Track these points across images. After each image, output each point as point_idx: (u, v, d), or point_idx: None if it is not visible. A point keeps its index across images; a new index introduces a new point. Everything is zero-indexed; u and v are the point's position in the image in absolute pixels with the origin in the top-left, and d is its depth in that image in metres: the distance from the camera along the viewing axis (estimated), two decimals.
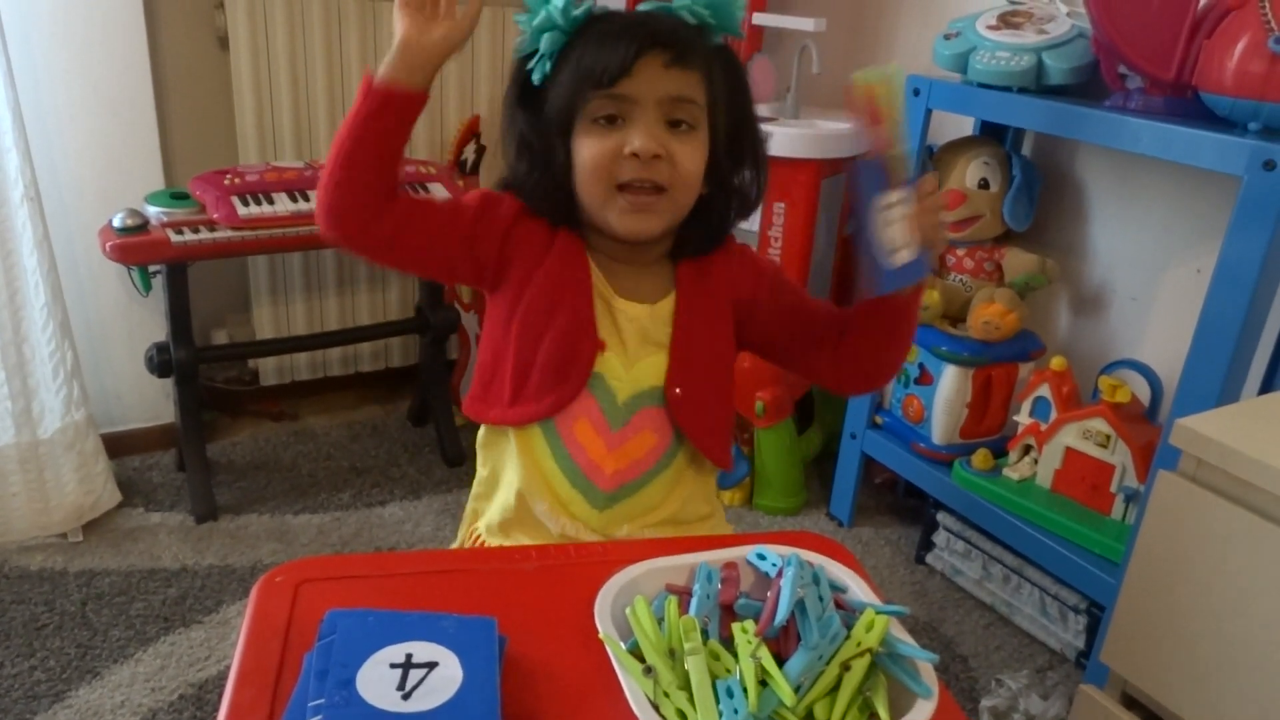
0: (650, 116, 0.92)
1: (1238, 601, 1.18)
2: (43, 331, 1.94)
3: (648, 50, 0.90)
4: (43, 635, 1.72)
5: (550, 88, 0.96)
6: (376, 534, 2.11)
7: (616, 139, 0.93)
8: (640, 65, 0.90)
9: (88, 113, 2.07)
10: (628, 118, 0.93)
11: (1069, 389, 1.84)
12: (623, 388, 1.01)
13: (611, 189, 0.95)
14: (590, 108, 0.93)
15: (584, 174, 0.96)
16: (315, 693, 0.65)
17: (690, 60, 0.92)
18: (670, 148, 0.93)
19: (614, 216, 0.96)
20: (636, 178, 0.93)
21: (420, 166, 2.29)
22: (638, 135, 0.92)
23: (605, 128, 0.93)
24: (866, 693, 0.68)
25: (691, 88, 0.93)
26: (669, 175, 0.94)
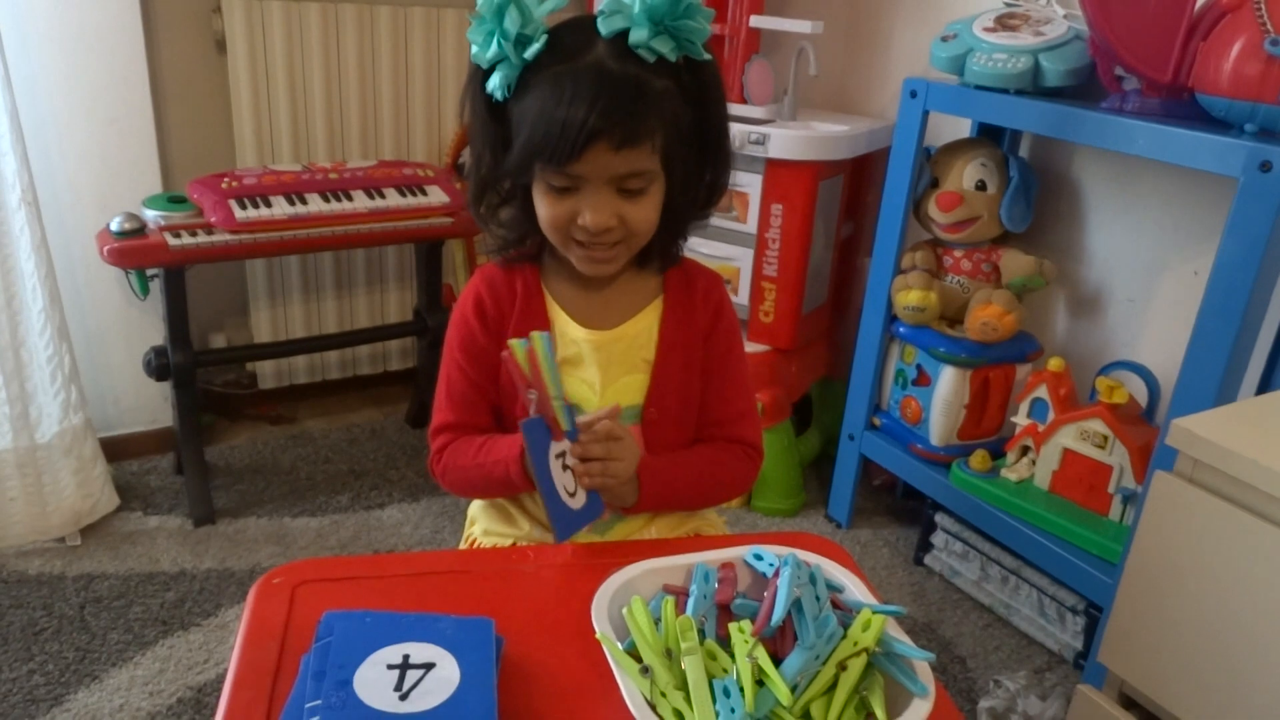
0: (601, 192, 0.93)
1: (1235, 601, 1.18)
2: (40, 335, 1.94)
3: (596, 139, 0.88)
4: (41, 639, 1.72)
5: (512, 109, 0.95)
6: (375, 537, 2.11)
7: (570, 206, 0.94)
8: (589, 152, 0.89)
9: (85, 116, 2.07)
10: (580, 189, 0.93)
11: (1066, 390, 1.84)
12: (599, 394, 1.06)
13: (567, 241, 0.98)
14: (544, 174, 0.94)
15: (542, 224, 0.98)
16: (313, 694, 0.65)
17: (640, 137, 0.91)
18: (623, 213, 0.95)
19: (575, 260, 1.00)
20: (591, 240, 0.96)
21: (419, 170, 2.29)
22: (588, 210, 0.93)
23: (558, 194, 0.94)
24: (863, 692, 0.68)
25: (643, 160, 0.92)
26: (623, 233, 0.96)
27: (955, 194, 1.93)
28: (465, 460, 1.04)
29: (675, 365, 1.07)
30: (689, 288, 1.09)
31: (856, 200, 2.37)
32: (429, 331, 2.43)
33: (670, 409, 1.08)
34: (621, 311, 1.07)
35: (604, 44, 0.91)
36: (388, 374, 2.72)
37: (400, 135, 2.49)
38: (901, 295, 1.97)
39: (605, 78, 0.89)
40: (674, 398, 1.08)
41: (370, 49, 2.37)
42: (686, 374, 1.08)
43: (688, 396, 1.10)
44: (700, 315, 1.09)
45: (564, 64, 0.90)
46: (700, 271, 1.12)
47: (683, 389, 1.09)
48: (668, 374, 1.07)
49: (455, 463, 1.05)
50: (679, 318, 1.08)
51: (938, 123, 2.02)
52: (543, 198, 0.96)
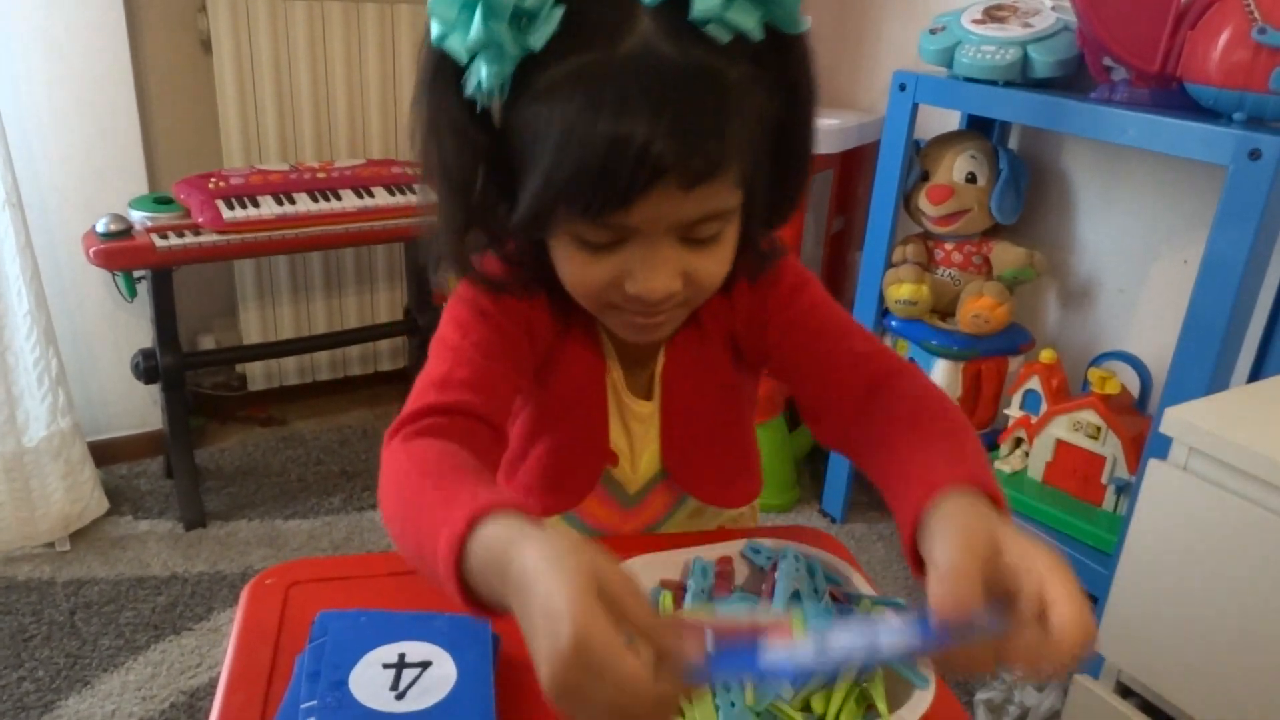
0: (659, 247, 0.64)
1: (1230, 588, 1.18)
2: (26, 339, 1.92)
3: (660, 176, 0.58)
4: (31, 645, 1.71)
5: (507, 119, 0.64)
6: (368, 538, 2.09)
7: (613, 267, 0.65)
8: (649, 196, 0.59)
9: (70, 117, 2.05)
10: (629, 240, 0.64)
11: (1059, 381, 1.84)
12: (632, 482, 0.90)
13: (605, 307, 0.70)
14: (572, 225, 0.64)
15: (572, 288, 0.70)
16: (307, 694, 0.65)
17: (720, 166, 0.60)
18: (690, 269, 0.66)
19: (614, 328, 0.74)
20: (642, 309, 0.68)
21: (407, 168, 2.28)
22: (643, 275, 0.64)
23: (596, 251, 0.65)
24: (864, 684, 0.67)
25: (721, 197, 0.63)
26: (689, 292, 0.68)
27: (946, 187, 1.93)
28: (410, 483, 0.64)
29: (690, 420, 0.87)
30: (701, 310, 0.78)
31: (847, 194, 2.37)
32: (419, 331, 2.42)
33: (696, 465, 0.90)
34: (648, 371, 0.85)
35: (648, 15, 0.59)
36: (378, 374, 2.71)
37: (388, 134, 2.48)
38: (893, 289, 1.97)
39: (663, 74, 0.58)
40: (698, 455, 0.90)
41: (357, 47, 2.35)
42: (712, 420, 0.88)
43: (723, 444, 0.92)
44: (720, 335, 0.83)
45: (591, 52, 0.59)
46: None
47: (710, 439, 0.90)
48: (680, 434, 0.87)
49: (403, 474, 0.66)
50: (685, 350, 0.83)
51: (927, 115, 2.02)
52: (571, 256, 0.66)
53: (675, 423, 0.86)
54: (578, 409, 0.83)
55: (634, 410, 0.85)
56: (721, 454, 0.92)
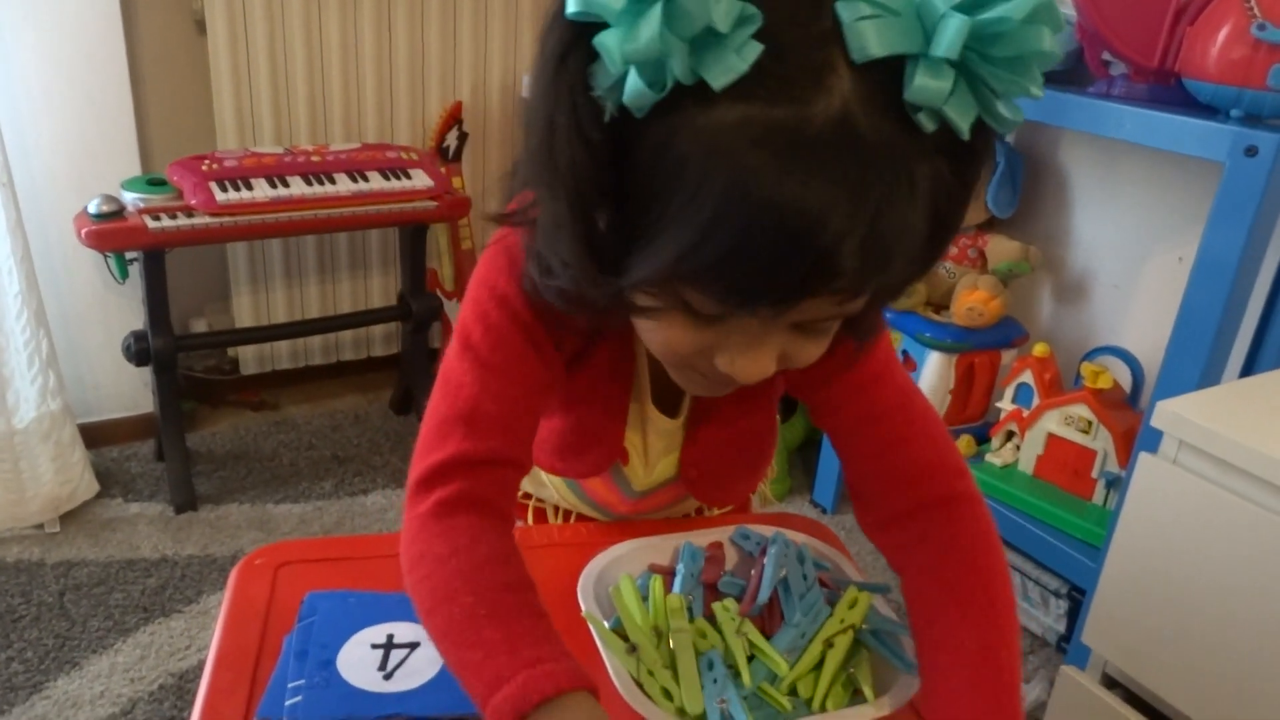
0: (772, 335, 0.56)
1: (1217, 582, 1.19)
2: (17, 319, 1.91)
3: (810, 291, 0.49)
4: (20, 626, 1.70)
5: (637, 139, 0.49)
6: (359, 523, 2.09)
7: (710, 338, 0.56)
8: (799, 300, 0.50)
9: (62, 97, 2.04)
10: (734, 318, 0.54)
11: (1051, 375, 1.85)
12: (640, 481, 0.87)
13: (679, 366, 0.63)
14: (686, 291, 0.52)
15: (646, 338, 0.62)
16: (295, 674, 0.65)
17: (872, 285, 0.51)
18: (791, 355, 0.58)
19: (678, 379, 0.66)
20: (720, 379, 0.60)
21: (402, 153, 2.27)
22: (741, 362, 0.56)
23: (698, 321, 0.54)
24: (851, 670, 0.68)
25: (858, 305, 0.54)
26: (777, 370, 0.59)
27: None
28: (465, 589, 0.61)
29: (714, 436, 0.82)
30: None
31: None
32: (413, 317, 2.41)
33: (714, 476, 0.86)
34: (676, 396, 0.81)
35: (851, 76, 0.45)
36: (371, 359, 2.71)
37: (384, 118, 2.47)
38: None
39: (862, 159, 0.46)
40: (718, 468, 0.86)
41: (353, 30, 2.34)
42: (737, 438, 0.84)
43: (745, 457, 0.88)
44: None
45: (779, 106, 0.45)
46: None
47: (733, 456, 0.86)
48: (703, 446, 0.83)
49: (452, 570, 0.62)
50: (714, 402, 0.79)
51: None
52: (668, 321, 0.56)
53: (699, 444, 0.82)
54: (598, 403, 0.79)
55: (656, 423, 0.81)
56: (740, 469, 0.90)
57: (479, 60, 2.54)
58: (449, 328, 2.57)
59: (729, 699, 0.62)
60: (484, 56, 2.55)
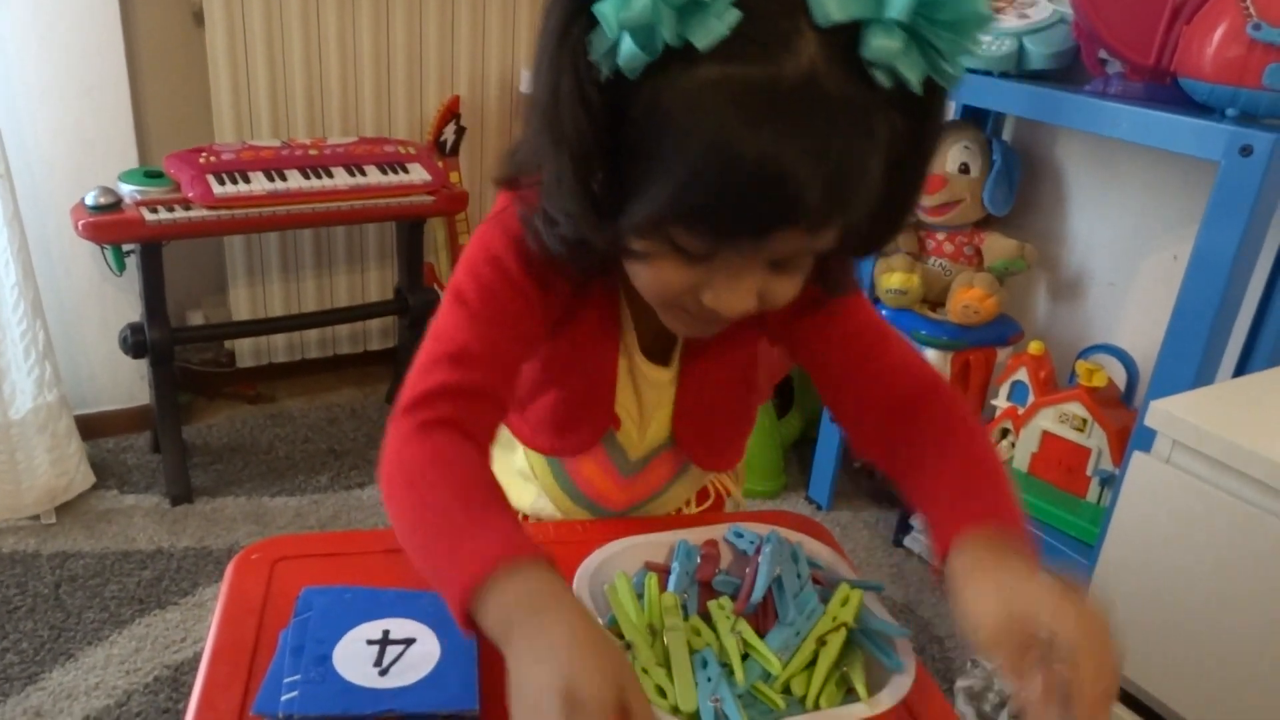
0: (750, 269, 0.63)
1: (1210, 580, 1.19)
2: (14, 311, 1.91)
3: (788, 223, 0.57)
4: (15, 618, 1.71)
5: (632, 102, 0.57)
6: (355, 516, 2.10)
7: (695, 278, 0.63)
8: (777, 230, 0.58)
9: (60, 89, 2.04)
10: (719, 256, 0.61)
11: (1046, 373, 1.85)
12: (635, 448, 0.90)
13: (672, 307, 0.69)
14: (676, 232, 0.60)
15: (637, 281, 0.68)
16: (291, 669, 0.65)
17: (842, 218, 0.59)
18: (765, 291, 0.65)
19: (667, 320, 0.72)
20: (709, 316, 0.66)
21: (400, 147, 2.27)
22: (726, 293, 0.63)
23: (686, 259, 0.62)
24: (844, 668, 0.68)
25: (828, 238, 0.61)
26: (756, 310, 0.66)
27: (938, 177, 1.93)
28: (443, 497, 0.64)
29: (705, 389, 0.86)
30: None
31: None
32: (410, 310, 2.41)
33: (705, 433, 0.90)
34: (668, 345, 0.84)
35: (816, 39, 0.54)
36: (368, 353, 2.71)
37: (381, 112, 2.46)
38: (884, 278, 1.97)
39: (827, 112, 0.54)
40: (708, 423, 0.90)
41: (351, 23, 2.34)
42: (726, 391, 0.89)
43: (733, 412, 0.92)
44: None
45: (753, 65, 0.53)
46: None
47: (722, 409, 0.90)
48: (694, 401, 0.86)
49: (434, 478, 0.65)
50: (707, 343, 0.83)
51: None
52: (657, 260, 0.63)
53: (691, 390, 0.85)
54: (587, 367, 0.83)
55: (648, 375, 0.84)
56: (730, 423, 0.94)
57: (477, 54, 2.54)
58: None
59: (723, 697, 0.62)
60: (482, 51, 2.55)
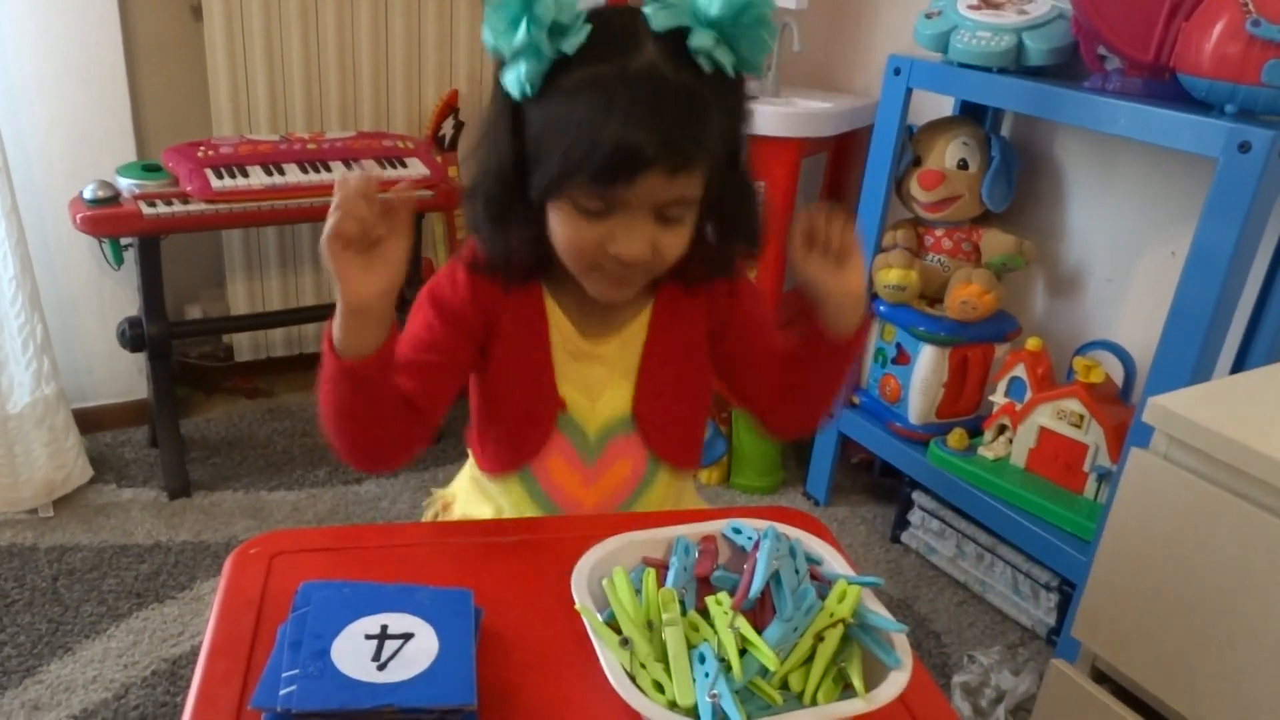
0: (638, 219, 0.82)
1: (1207, 576, 1.20)
2: (11, 304, 1.91)
3: (653, 164, 0.77)
4: (13, 611, 1.71)
5: (534, 110, 0.82)
6: (353, 511, 2.10)
7: (600, 232, 0.83)
8: (642, 178, 0.78)
9: (58, 82, 2.03)
10: (615, 213, 0.82)
11: (1044, 369, 1.85)
12: (591, 422, 0.99)
13: (589, 268, 0.87)
14: (575, 194, 0.82)
15: (560, 246, 0.87)
16: (289, 663, 0.65)
17: (696, 163, 0.80)
18: (657, 242, 0.84)
19: (590, 286, 0.90)
20: (618, 269, 0.85)
21: (399, 141, 2.27)
22: (624, 240, 0.82)
23: (589, 217, 0.82)
24: (841, 664, 0.68)
25: (692, 186, 0.82)
26: (652, 263, 0.86)
27: (937, 172, 1.93)
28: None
29: (665, 373, 0.99)
30: (683, 291, 0.98)
31: (839, 178, 2.37)
32: (407, 305, 2.40)
33: (665, 418, 1.01)
34: (614, 321, 0.97)
35: (655, 44, 0.78)
36: None
37: (380, 106, 2.46)
38: (882, 273, 1.97)
39: (665, 90, 0.78)
40: (669, 407, 1.01)
41: (350, 18, 2.33)
42: (683, 379, 1.01)
43: (690, 404, 1.04)
44: (701, 314, 0.99)
45: (608, 64, 0.78)
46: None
47: (680, 396, 1.01)
48: (655, 382, 0.98)
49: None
50: (670, 324, 0.98)
51: (921, 101, 2.02)
52: (568, 220, 0.84)
53: (652, 369, 0.98)
54: (523, 360, 0.96)
55: (591, 351, 0.96)
56: (683, 408, 1.03)
57: (476, 48, 2.53)
58: None
59: (720, 692, 0.62)
60: (481, 45, 2.54)
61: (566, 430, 0.99)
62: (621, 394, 0.98)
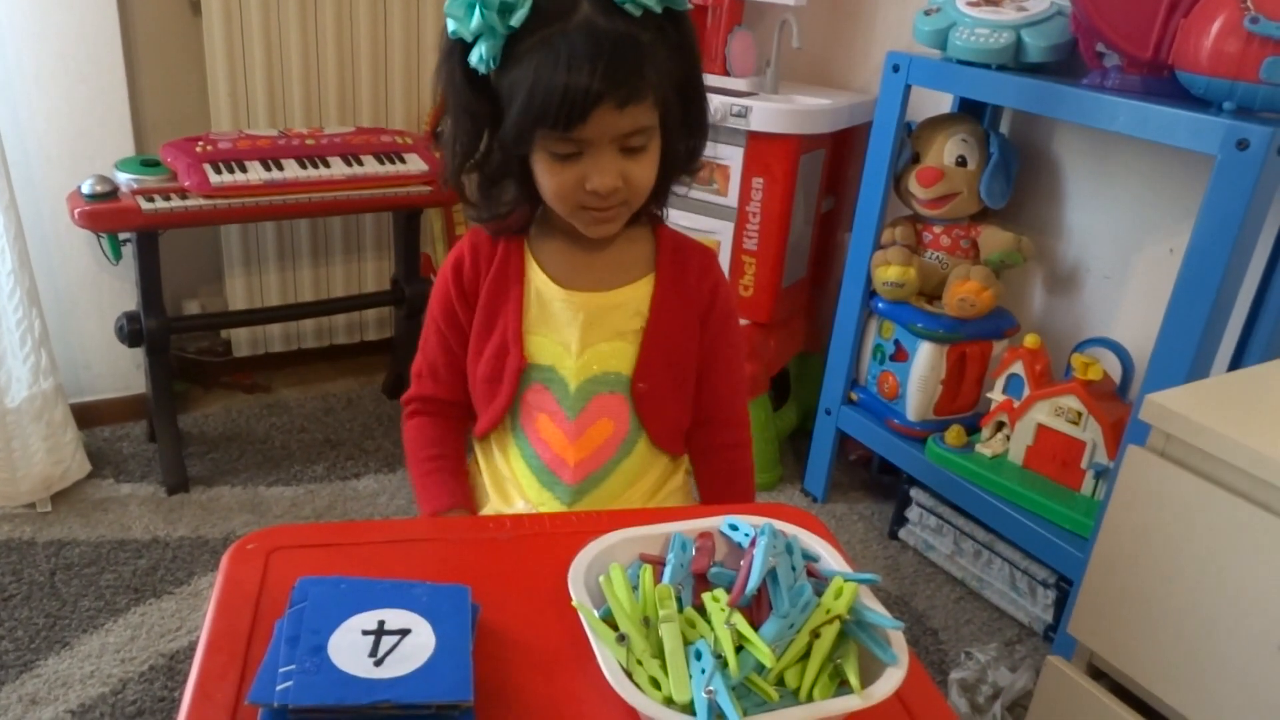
0: (606, 153, 0.93)
1: (1203, 574, 1.20)
2: (9, 299, 1.91)
3: (601, 100, 0.88)
4: (10, 605, 1.71)
5: (498, 81, 0.93)
6: (350, 507, 2.10)
7: (576, 172, 0.94)
8: (594, 114, 0.89)
9: (56, 76, 2.03)
10: (585, 152, 0.93)
11: (1042, 366, 1.85)
12: (573, 374, 1.06)
13: (575, 208, 0.98)
14: (546, 142, 0.93)
15: (547, 194, 0.98)
16: (286, 659, 0.65)
17: (642, 94, 0.91)
18: (627, 172, 0.95)
19: (580, 225, 1.01)
20: (599, 204, 0.96)
21: (397, 137, 2.27)
22: (596, 175, 0.93)
23: (563, 161, 0.94)
24: (837, 660, 0.68)
25: (644, 116, 0.92)
26: (628, 193, 0.96)
27: (936, 169, 1.93)
28: (411, 462, 1.14)
29: (667, 338, 1.07)
30: (683, 263, 1.08)
31: (837, 174, 2.36)
32: (406, 301, 2.41)
33: (662, 383, 1.08)
34: (610, 278, 1.06)
35: (589, 3, 0.90)
36: (364, 343, 2.70)
37: (379, 102, 2.46)
38: (881, 270, 1.97)
39: (600, 36, 0.88)
40: (666, 372, 1.08)
41: (348, 13, 2.33)
42: (680, 349, 1.08)
43: (683, 373, 1.10)
44: (695, 292, 1.08)
45: (552, 27, 0.88)
46: (694, 247, 1.11)
47: (677, 363, 1.09)
48: (658, 345, 1.06)
49: (408, 450, 1.15)
50: (673, 291, 1.07)
51: (919, 97, 2.02)
52: (547, 167, 0.95)
53: (654, 333, 1.06)
54: (495, 316, 1.07)
55: (570, 299, 1.05)
56: (676, 388, 1.10)
57: None
58: None
59: (716, 688, 0.63)
60: None
61: (548, 382, 1.07)
62: (617, 351, 1.06)
